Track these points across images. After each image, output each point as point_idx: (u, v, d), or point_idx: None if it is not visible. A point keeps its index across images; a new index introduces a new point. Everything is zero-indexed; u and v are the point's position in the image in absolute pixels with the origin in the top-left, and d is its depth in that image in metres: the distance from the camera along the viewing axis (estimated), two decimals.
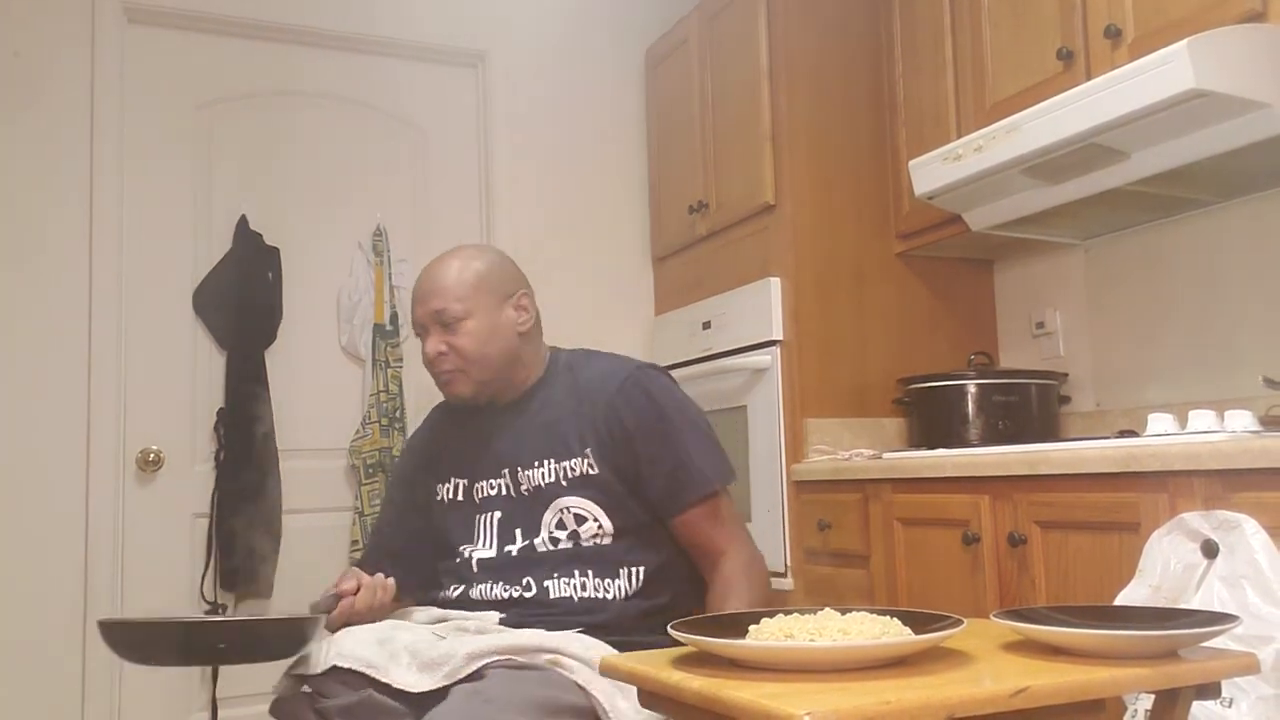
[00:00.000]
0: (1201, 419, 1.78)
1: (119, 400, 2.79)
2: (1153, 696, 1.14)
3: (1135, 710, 1.46)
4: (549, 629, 1.50)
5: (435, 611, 1.66)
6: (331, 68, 3.13)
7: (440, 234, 3.21)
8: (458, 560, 1.70)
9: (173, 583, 2.79)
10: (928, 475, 2.15)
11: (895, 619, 1.12)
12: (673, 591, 1.65)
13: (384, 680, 1.40)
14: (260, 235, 2.96)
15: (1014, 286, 2.85)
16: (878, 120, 2.82)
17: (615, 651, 1.39)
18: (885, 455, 2.39)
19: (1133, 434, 2.06)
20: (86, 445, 2.73)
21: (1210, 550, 1.51)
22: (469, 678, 1.38)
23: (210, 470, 2.85)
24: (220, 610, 2.72)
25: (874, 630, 1.08)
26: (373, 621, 1.58)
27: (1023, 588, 1.92)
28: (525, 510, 1.67)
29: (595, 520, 1.62)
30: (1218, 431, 1.70)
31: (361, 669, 1.42)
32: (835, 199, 2.76)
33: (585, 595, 1.59)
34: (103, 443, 2.74)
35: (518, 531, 1.66)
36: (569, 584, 1.60)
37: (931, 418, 2.57)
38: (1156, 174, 2.07)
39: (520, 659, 1.42)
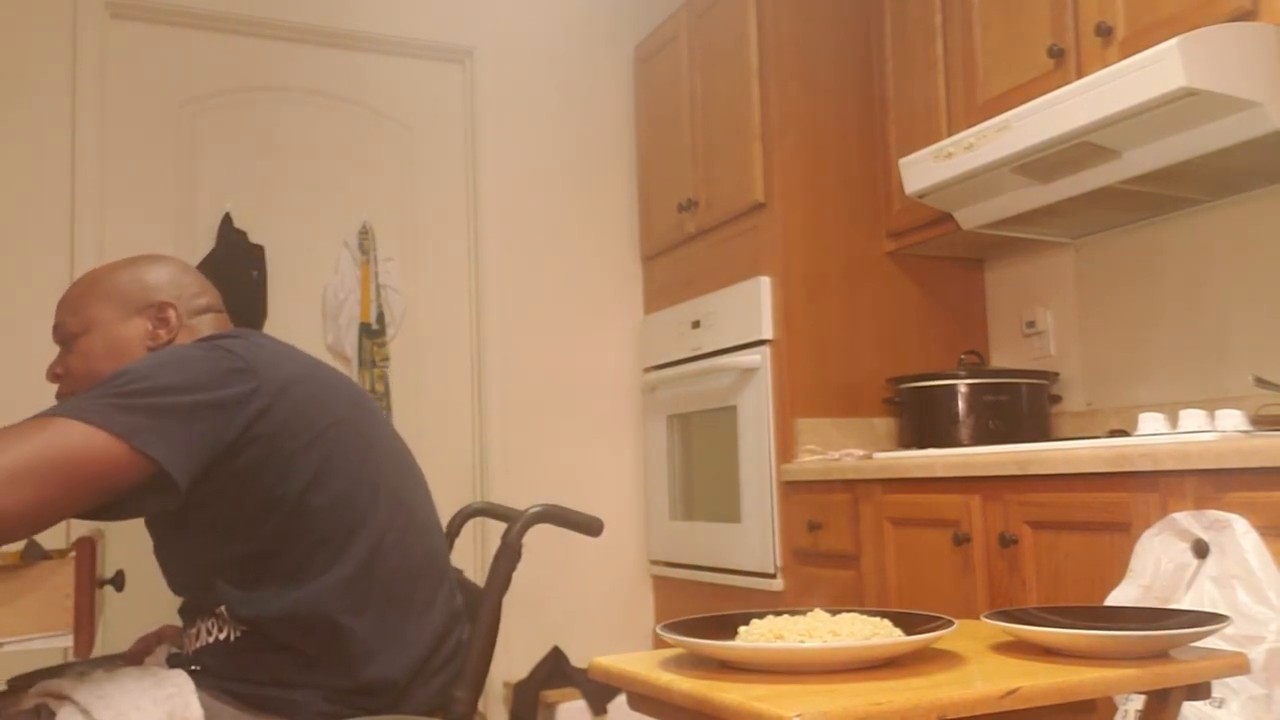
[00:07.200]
0: (1192, 418, 1.79)
1: None
2: (1143, 697, 1.14)
3: (1126, 711, 1.46)
4: None
5: None
6: (317, 64, 3.11)
7: (427, 231, 3.20)
8: None
9: (161, 588, 2.75)
10: (918, 475, 2.15)
11: (886, 620, 1.12)
12: None
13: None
14: (244, 233, 2.93)
15: (1005, 285, 2.85)
16: (868, 118, 2.81)
17: None
18: (876, 455, 2.39)
19: (1124, 433, 2.06)
20: None
21: (1201, 550, 1.51)
22: None
23: None
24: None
25: (864, 631, 1.08)
26: None
27: (1013, 588, 1.92)
28: None
29: None
30: (1209, 431, 1.71)
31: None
32: (825, 197, 2.75)
33: None
34: None
35: None
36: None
37: (922, 417, 2.57)
38: (1147, 173, 2.07)
39: None
